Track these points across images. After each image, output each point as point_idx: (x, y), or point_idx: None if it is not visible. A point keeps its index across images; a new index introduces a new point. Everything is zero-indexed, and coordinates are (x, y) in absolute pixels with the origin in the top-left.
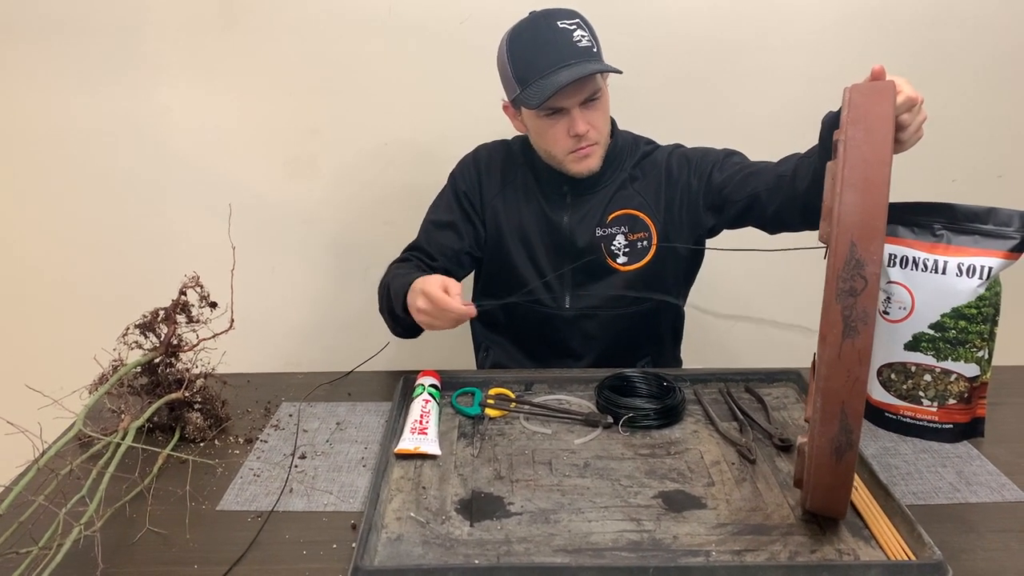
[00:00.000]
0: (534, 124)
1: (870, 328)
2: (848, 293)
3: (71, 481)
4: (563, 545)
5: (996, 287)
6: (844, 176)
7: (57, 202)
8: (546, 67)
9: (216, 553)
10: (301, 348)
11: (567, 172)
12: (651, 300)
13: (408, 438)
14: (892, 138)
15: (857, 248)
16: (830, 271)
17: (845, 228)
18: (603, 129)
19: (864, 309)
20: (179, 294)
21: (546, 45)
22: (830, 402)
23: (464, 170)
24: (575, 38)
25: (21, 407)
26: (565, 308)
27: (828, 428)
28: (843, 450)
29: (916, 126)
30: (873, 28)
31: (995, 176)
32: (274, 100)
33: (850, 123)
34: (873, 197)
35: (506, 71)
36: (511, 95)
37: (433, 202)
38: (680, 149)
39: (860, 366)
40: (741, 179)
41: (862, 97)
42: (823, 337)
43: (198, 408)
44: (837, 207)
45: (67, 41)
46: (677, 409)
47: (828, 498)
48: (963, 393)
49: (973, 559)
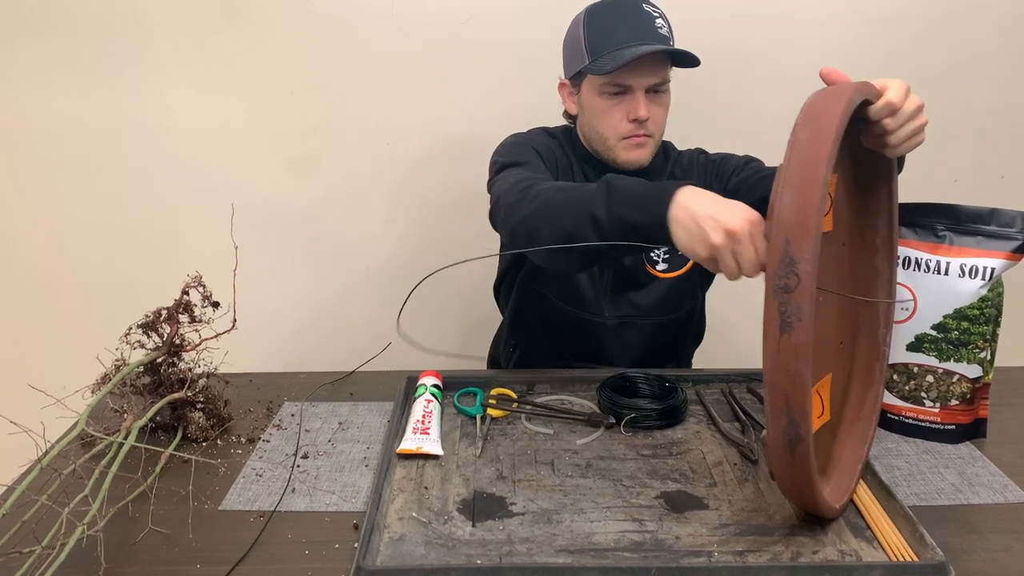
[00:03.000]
0: (593, 103)
1: (805, 324)
2: (783, 290)
3: (74, 481)
4: (565, 545)
5: (999, 288)
6: (786, 176)
7: (59, 201)
8: (624, 40)
9: (218, 553)
10: (303, 348)
11: (615, 160)
12: (688, 307)
13: (410, 438)
14: (837, 137)
15: (791, 246)
16: (768, 268)
17: (781, 227)
18: (660, 124)
19: (799, 305)
20: (181, 294)
21: (628, 21)
22: (775, 397)
23: (540, 138)
24: (657, 24)
25: (24, 407)
26: (606, 316)
27: (778, 422)
28: (795, 443)
29: (907, 132)
30: (877, 30)
31: (998, 177)
32: (276, 99)
33: (800, 124)
34: (807, 195)
35: (578, 41)
36: (576, 66)
37: (500, 152)
38: (704, 153)
39: (798, 361)
40: (754, 183)
41: (821, 98)
42: (764, 333)
43: (200, 408)
44: (776, 206)
45: (68, 39)
46: (679, 409)
47: (795, 491)
48: (965, 394)
49: (975, 560)
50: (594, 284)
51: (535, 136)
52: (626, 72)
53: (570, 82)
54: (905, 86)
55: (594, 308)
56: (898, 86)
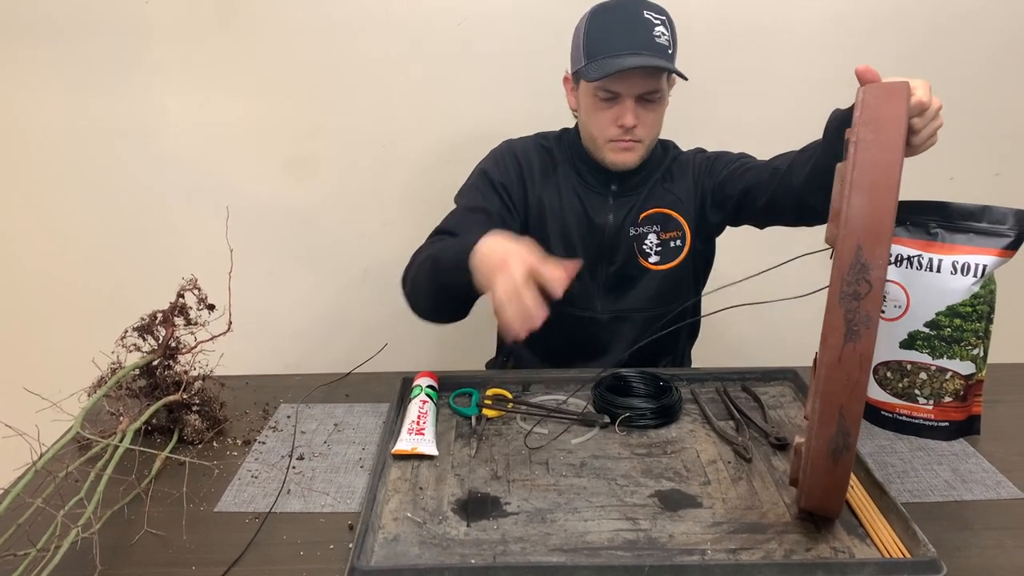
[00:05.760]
0: (587, 102)
1: (872, 332)
2: (852, 297)
3: (69, 483)
4: (559, 544)
5: (991, 285)
6: (853, 179)
7: (54, 204)
8: (617, 49)
9: (214, 554)
10: (299, 350)
11: (602, 160)
12: (682, 300)
13: (405, 439)
14: (903, 141)
15: (863, 251)
16: (835, 273)
17: (851, 231)
18: (651, 129)
19: (867, 313)
20: (177, 297)
21: (624, 28)
22: (829, 405)
23: (500, 163)
24: (655, 33)
25: (19, 410)
26: (598, 311)
27: (826, 430)
28: (840, 452)
29: (930, 132)
30: (871, 28)
31: (993, 174)
32: (272, 102)
33: (861, 124)
34: (880, 201)
35: (579, 41)
36: (575, 67)
37: (461, 193)
38: (703, 152)
39: (860, 370)
40: (740, 173)
41: (875, 97)
42: (824, 339)
43: (196, 410)
44: (844, 209)
45: (64, 43)
46: (674, 408)
47: (824, 499)
48: (959, 391)
49: (968, 556)
50: (584, 281)
51: (507, 157)
52: (615, 80)
53: (572, 78)
54: (928, 86)
55: (585, 304)
56: (923, 86)
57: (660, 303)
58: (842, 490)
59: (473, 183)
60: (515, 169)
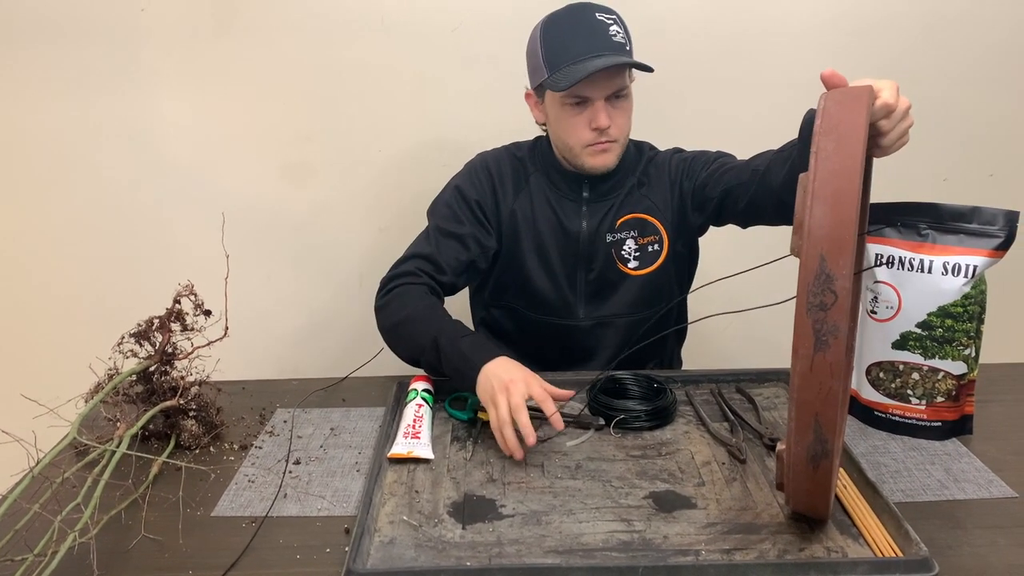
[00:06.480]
0: (556, 113)
1: (841, 341)
2: (819, 307)
3: (66, 489)
4: (554, 546)
5: (982, 285)
6: (814, 189)
7: (50, 210)
8: (578, 54)
9: (210, 559)
10: (295, 355)
11: (582, 167)
12: (664, 304)
13: (401, 442)
14: (863, 149)
15: (826, 262)
16: (801, 285)
17: (814, 242)
18: (624, 128)
19: (835, 323)
20: (173, 302)
21: (581, 33)
22: (804, 413)
23: (473, 178)
24: (611, 32)
25: (17, 416)
26: (580, 318)
27: (803, 437)
28: (819, 458)
29: (899, 133)
30: (862, 28)
31: (986, 175)
32: (268, 107)
33: (822, 133)
34: (842, 211)
35: (536, 55)
36: (538, 80)
37: (435, 211)
38: (680, 153)
39: (832, 378)
40: (719, 175)
41: (835, 104)
42: (795, 350)
43: (193, 415)
44: (807, 220)
45: (60, 48)
46: (668, 410)
47: (808, 503)
48: (951, 391)
49: (960, 555)
50: (561, 290)
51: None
52: (584, 85)
53: (535, 92)
54: (895, 86)
55: (565, 312)
56: (890, 87)
57: (642, 307)
58: (826, 494)
59: (447, 200)
60: (488, 183)
